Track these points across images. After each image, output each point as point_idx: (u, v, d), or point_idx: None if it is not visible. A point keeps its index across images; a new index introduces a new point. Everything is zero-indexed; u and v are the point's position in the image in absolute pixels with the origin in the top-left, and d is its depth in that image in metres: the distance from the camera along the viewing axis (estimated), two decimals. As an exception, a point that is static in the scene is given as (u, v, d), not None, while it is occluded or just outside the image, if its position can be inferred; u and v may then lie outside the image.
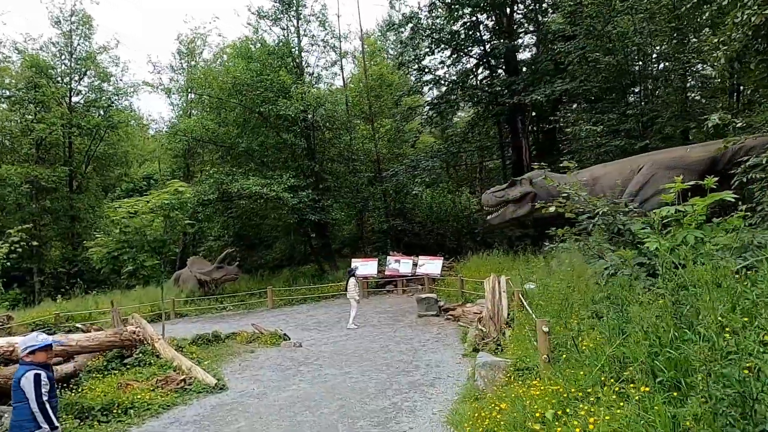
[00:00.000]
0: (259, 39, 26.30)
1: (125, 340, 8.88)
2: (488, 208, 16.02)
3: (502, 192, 15.71)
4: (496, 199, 15.67)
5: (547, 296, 9.69)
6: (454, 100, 25.58)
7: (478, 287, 15.83)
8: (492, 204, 15.78)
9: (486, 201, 16.03)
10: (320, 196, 23.73)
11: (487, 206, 16.02)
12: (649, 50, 16.02)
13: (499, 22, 25.20)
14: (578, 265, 10.50)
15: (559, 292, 9.17)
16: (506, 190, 15.65)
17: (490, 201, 15.86)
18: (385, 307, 16.93)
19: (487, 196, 16.04)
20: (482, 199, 16.31)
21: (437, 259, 19.41)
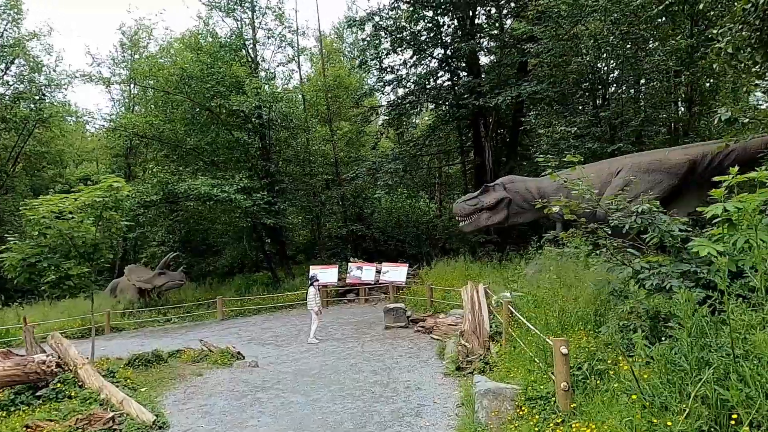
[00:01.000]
0: (210, 32, 24.55)
1: (31, 374, 7.17)
2: (461, 218, 15.11)
3: (475, 200, 14.85)
4: (469, 208, 14.79)
5: (538, 307, 8.79)
6: (416, 101, 24.73)
7: (447, 296, 14.90)
8: (465, 213, 14.89)
9: (458, 211, 15.10)
10: (275, 199, 22.21)
11: (460, 216, 15.11)
12: (620, 53, 15.66)
13: (461, 25, 24.61)
14: (566, 271, 9.71)
15: (553, 303, 8.28)
16: (479, 197, 14.80)
17: (463, 210, 14.94)
18: (348, 318, 15.68)
19: (460, 206, 15.11)
20: (454, 209, 15.39)
21: (402, 266, 18.36)
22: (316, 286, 13.11)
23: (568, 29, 16.81)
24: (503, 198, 14.44)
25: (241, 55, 24.48)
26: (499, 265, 17.26)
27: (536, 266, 13.27)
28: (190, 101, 22.00)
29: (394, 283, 17.69)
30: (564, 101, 18.04)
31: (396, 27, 24.02)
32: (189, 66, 20.90)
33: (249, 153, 23.54)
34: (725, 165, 12.01)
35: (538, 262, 12.98)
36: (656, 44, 16.04)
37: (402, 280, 17.76)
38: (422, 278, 18.25)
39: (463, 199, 15.27)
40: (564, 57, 17.42)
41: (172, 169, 21.87)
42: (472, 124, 25.96)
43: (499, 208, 14.50)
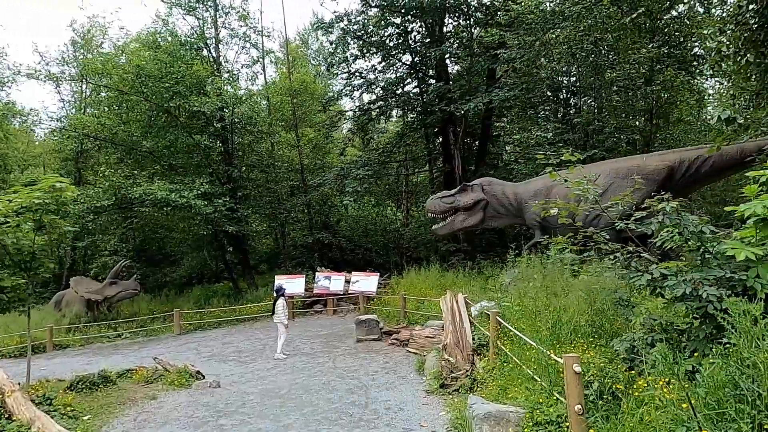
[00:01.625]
0: (169, 30, 23.34)
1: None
2: (435, 215, 14.53)
3: (451, 198, 14.31)
4: (444, 205, 14.23)
5: (526, 317, 8.26)
6: (385, 107, 24.21)
7: (421, 306, 14.29)
8: (439, 210, 14.32)
9: (432, 207, 14.50)
10: (238, 205, 21.14)
11: (433, 213, 14.50)
12: (592, 60, 15.59)
13: (430, 32, 24.33)
14: (552, 280, 9.24)
15: (544, 313, 7.76)
16: (456, 195, 14.28)
17: (437, 207, 14.36)
18: (316, 331, 14.82)
19: (434, 202, 14.52)
20: (428, 205, 14.79)
21: (373, 276, 17.64)
22: (285, 297, 12.24)
23: (540, 36, 16.68)
24: (481, 200, 13.98)
25: (202, 55, 23.41)
26: (472, 274, 16.82)
27: (514, 274, 12.84)
28: (146, 102, 20.73)
29: (365, 293, 16.95)
30: (536, 107, 17.87)
31: (364, 31, 23.54)
32: (146, 64, 19.69)
33: (210, 157, 22.40)
34: (702, 172, 11.97)
35: (518, 270, 12.54)
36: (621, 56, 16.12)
37: (373, 290, 17.04)
38: (393, 288, 17.60)
39: (438, 195, 14.71)
40: (536, 63, 17.27)
41: (126, 172, 20.45)
42: (440, 132, 25.68)
43: (475, 209, 14.03)
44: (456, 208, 14.19)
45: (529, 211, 13.37)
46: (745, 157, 11.63)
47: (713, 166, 11.74)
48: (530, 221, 13.37)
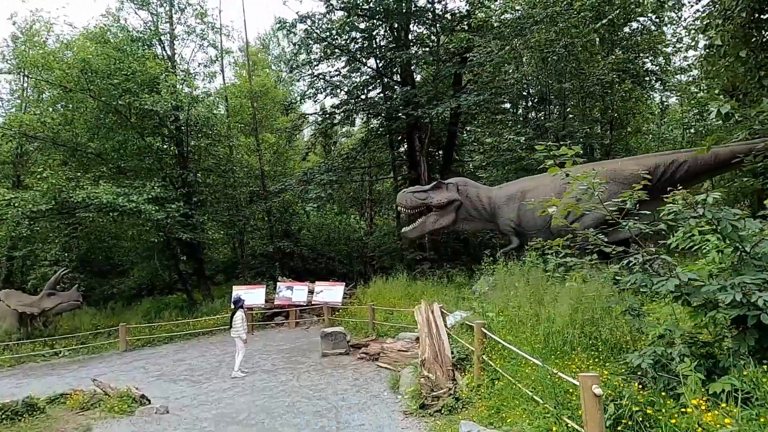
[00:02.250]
0: (120, 26, 21.85)
1: None
2: (406, 210, 13.81)
3: (423, 194, 13.63)
4: (416, 201, 13.55)
5: (512, 328, 7.62)
6: (349, 111, 23.48)
7: (390, 317, 13.52)
8: (410, 206, 13.62)
9: (404, 201, 13.76)
10: (193, 211, 19.83)
11: (404, 207, 13.78)
12: (563, 65, 15.41)
13: (396, 36, 23.85)
14: (536, 288, 8.66)
15: (534, 324, 7.14)
16: (429, 192, 13.62)
17: (408, 202, 13.65)
18: (278, 345, 13.79)
19: (406, 196, 13.80)
20: (399, 199, 14.05)
21: (338, 285, 16.74)
22: (244, 309, 11.20)
23: (510, 40, 16.42)
24: (455, 200, 13.38)
25: (156, 52, 22.05)
26: (442, 283, 16.21)
27: (489, 282, 12.28)
28: (93, 100, 19.21)
29: (329, 304, 16.03)
30: (506, 112, 17.57)
31: (329, 34, 22.80)
32: (92, 58, 18.23)
33: (163, 160, 21.02)
34: (677, 177, 11.75)
35: (493, 278, 11.98)
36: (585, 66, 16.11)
37: (338, 300, 16.14)
38: (359, 298, 16.77)
39: (410, 189, 14.04)
40: (505, 67, 17.00)
41: (69, 175, 18.79)
42: (406, 138, 25.16)
43: (448, 209, 13.41)
44: (428, 206, 13.54)
45: (503, 216, 12.88)
46: (719, 162, 11.53)
47: (688, 171, 11.57)
48: (504, 226, 12.88)
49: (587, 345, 6.06)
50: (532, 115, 17.06)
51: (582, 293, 7.15)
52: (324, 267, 26.81)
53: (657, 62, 21.45)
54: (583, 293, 7.18)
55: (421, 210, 13.94)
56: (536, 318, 7.70)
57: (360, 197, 33.81)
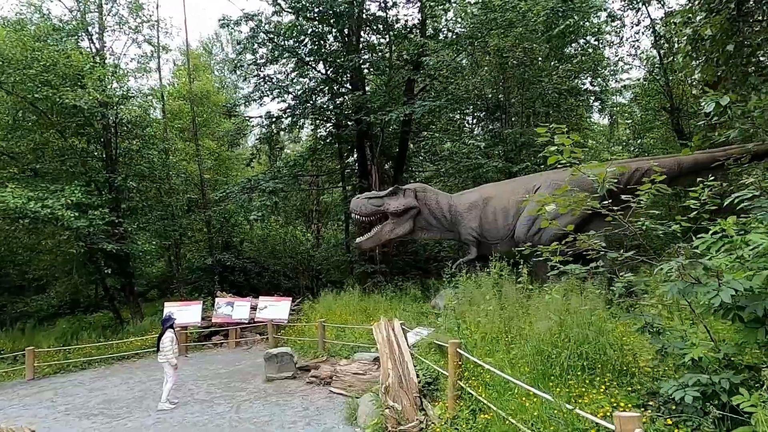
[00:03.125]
0: (41, 15, 19.69)
1: None
2: (359, 217, 12.72)
3: (379, 200, 12.60)
4: (371, 208, 12.49)
5: (487, 347, 6.71)
6: (298, 116, 22.28)
7: (342, 335, 12.35)
8: (365, 213, 12.53)
9: (357, 208, 12.64)
10: (121, 219, 17.87)
11: (358, 214, 12.66)
12: (521, 70, 15.02)
13: (346, 41, 22.98)
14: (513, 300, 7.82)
15: (516, 342, 6.26)
16: (385, 198, 12.59)
17: (362, 208, 12.55)
18: (216, 368, 12.26)
19: (360, 202, 12.69)
20: (352, 206, 12.92)
21: (283, 300, 15.38)
22: (174, 329, 9.69)
23: (467, 46, 15.94)
24: (413, 207, 12.43)
25: (82, 45, 20.01)
26: (396, 297, 15.23)
27: (449, 295, 11.40)
28: (6, 93, 17.00)
29: (275, 321, 14.63)
30: (466, 116, 17.02)
31: (276, 35, 21.59)
32: (5, 46, 16.13)
33: (89, 164, 18.94)
34: (642, 185, 11.41)
35: (454, 291, 11.11)
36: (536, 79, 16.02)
37: (284, 317, 14.78)
38: (307, 314, 15.46)
39: (365, 195, 12.95)
40: (463, 73, 16.47)
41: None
42: (357, 147, 24.23)
43: (405, 217, 12.45)
44: (384, 213, 12.54)
45: (464, 224, 12.09)
46: (683, 171, 11.30)
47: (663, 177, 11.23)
48: (465, 235, 12.08)
49: (581, 367, 5.21)
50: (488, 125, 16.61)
51: (567, 307, 6.36)
52: (268, 281, 25.23)
53: (596, 83, 22.15)
54: (568, 307, 6.39)
55: (376, 217, 12.95)
56: (516, 335, 6.85)
57: (307, 208, 32.46)
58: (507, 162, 14.20)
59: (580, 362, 5.28)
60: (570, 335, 5.70)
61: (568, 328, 5.99)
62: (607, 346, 5.06)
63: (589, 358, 5.21)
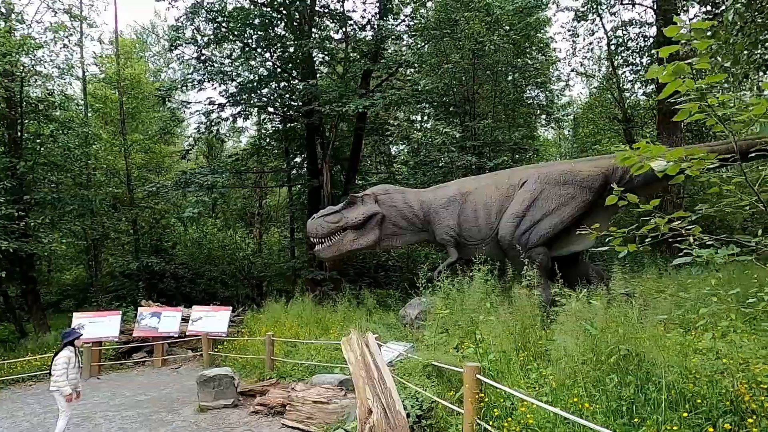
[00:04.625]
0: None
1: None
2: (319, 240, 10.96)
3: (336, 215, 10.91)
4: (329, 226, 10.79)
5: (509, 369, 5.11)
6: (243, 106, 20.08)
7: (293, 351, 10.42)
8: (323, 234, 10.82)
9: (314, 230, 10.94)
10: (23, 213, 14.98)
11: (317, 237, 10.94)
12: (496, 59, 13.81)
13: (299, 30, 21.10)
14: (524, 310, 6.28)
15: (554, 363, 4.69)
16: (343, 212, 10.91)
17: (320, 230, 10.84)
18: (134, 394, 9.91)
19: (316, 223, 10.99)
20: (309, 228, 11.17)
21: (222, 311, 13.17)
22: (75, 347, 7.35)
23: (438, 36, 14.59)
24: (375, 213, 10.76)
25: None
26: (354, 307, 13.44)
27: (423, 305, 9.79)
28: None
29: (211, 334, 12.39)
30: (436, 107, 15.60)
31: (220, 15, 19.37)
32: None
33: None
34: (635, 181, 10.35)
35: (426, 300, 9.51)
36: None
37: (222, 330, 12.57)
38: (250, 327, 13.35)
39: (320, 214, 11.17)
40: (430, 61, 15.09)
41: None
42: (306, 144, 22.32)
43: (369, 226, 10.76)
44: (345, 227, 10.84)
45: (441, 223, 10.54)
46: (679, 166, 10.35)
47: (646, 175, 10.17)
48: (442, 235, 10.52)
49: (665, 403, 3.69)
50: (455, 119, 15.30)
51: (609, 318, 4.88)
52: (203, 289, 22.66)
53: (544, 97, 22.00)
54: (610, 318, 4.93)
55: (337, 235, 11.23)
56: (536, 354, 5.30)
57: (248, 211, 29.99)
58: (481, 158, 12.88)
59: (658, 394, 3.75)
60: (627, 356, 4.19)
61: (613, 344, 4.51)
62: (706, 374, 3.57)
63: (674, 391, 3.70)
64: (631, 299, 7.60)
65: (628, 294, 8.26)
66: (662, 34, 20.90)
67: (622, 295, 5.58)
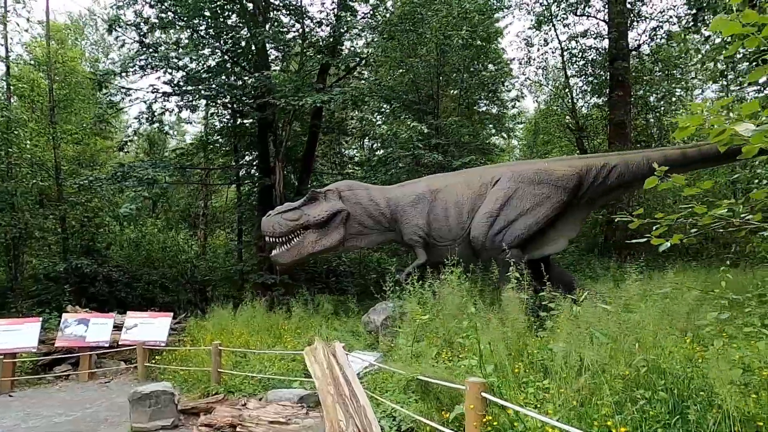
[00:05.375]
0: None
1: None
2: (275, 239, 9.93)
3: (296, 212, 9.93)
4: (288, 224, 9.78)
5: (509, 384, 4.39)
6: (191, 95, 18.64)
7: (243, 362, 9.35)
8: (281, 232, 9.80)
9: (270, 228, 9.88)
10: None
11: (273, 236, 9.89)
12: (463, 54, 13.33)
13: (252, 18, 19.91)
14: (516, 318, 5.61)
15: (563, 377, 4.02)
16: (303, 209, 9.95)
17: (277, 228, 9.81)
18: (52, 415, 8.50)
19: (273, 220, 9.94)
20: (264, 227, 10.08)
21: (161, 317, 11.81)
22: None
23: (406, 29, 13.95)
24: (340, 210, 9.90)
25: None
26: (307, 312, 12.46)
27: (389, 310, 9.01)
28: None
29: (148, 343, 11.04)
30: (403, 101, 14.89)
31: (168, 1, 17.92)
32: None
33: None
34: (609, 182, 10.02)
35: (394, 305, 8.74)
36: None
37: (161, 338, 11.24)
38: (193, 335, 12.07)
39: (277, 211, 10.17)
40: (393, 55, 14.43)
41: None
42: (258, 140, 21.10)
43: (332, 225, 9.87)
44: (306, 226, 9.89)
45: (409, 222, 9.80)
46: (652, 169, 10.12)
47: (620, 176, 9.90)
48: (410, 235, 9.78)
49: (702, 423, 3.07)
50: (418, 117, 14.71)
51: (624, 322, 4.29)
52: (140, 294, 20.84)
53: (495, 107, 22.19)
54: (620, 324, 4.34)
55: (296, 235, 10.25)
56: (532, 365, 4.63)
57: (193, 211, 28.24)
58: (448, 157, 12.30)
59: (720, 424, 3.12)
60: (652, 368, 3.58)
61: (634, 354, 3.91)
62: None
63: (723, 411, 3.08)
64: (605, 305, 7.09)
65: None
66: (615, 46, 21.39)
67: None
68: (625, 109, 20.86)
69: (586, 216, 10.81)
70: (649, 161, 9.86)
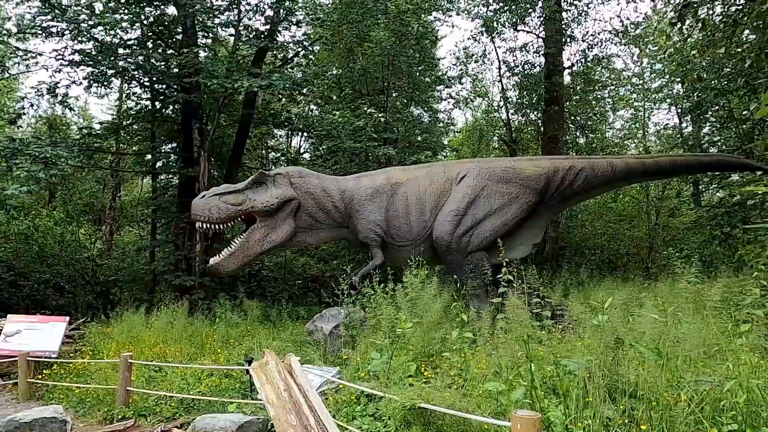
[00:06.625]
0: None
1: None
2: (209, 226, 8.25)
3: (238, 195, 8.36)
4: (228, 209, 8.17)
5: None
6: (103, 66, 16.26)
7: (158, 378, 7.73)
8: (219, 218, 8.15)
9: (204, 213, 8.15)
10: None
11: (206, 222, 8.18)
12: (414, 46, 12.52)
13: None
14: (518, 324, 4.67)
15: None
16: (247, 192, 8.42)
17: (213, 213, 8.13)
18: None
19: (209, 203, 8.22)
20: (195, 209, 8.27)
21: (53, 322, 9.71)
22: None
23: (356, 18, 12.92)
24: (291, 199, 8.54)
25: None
26: (234, 318, 10.92)
27: (335, 318, 7.84)
28: None
29: (34, 353, 8.95)
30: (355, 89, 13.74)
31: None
32: None
33: None
34: (576, 186, 9.53)
35: (345, 312, 7.58)
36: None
37: (53, 348, 9.17)
38: (94, 345, 10.08)
39: (213, 192, 8.55)
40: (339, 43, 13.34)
41: None
42: (182, 127, 19.02)
43: (281, 216, 8.46)
44: (249, 213, 8.40)
45: (365, 218, 8.68)
46: (616, 175, 9.77)
47: (585, 180, 9.44)
48: (366, 233, 8.63)
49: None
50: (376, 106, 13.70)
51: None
52: (28, 295, 17.89)
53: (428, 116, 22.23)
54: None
55: (236, 223, 8.73)
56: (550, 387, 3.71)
57: (99, 203, 25.10)
58: (401, 152, 11.36)
59: None
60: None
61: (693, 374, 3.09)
62: None
63: None
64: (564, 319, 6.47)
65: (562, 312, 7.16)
66: (552, 62, 21.83)
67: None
68: (558, 123, 21.26)
69: (550, 220, 10.31)
70: (613, 167, 9.53)
